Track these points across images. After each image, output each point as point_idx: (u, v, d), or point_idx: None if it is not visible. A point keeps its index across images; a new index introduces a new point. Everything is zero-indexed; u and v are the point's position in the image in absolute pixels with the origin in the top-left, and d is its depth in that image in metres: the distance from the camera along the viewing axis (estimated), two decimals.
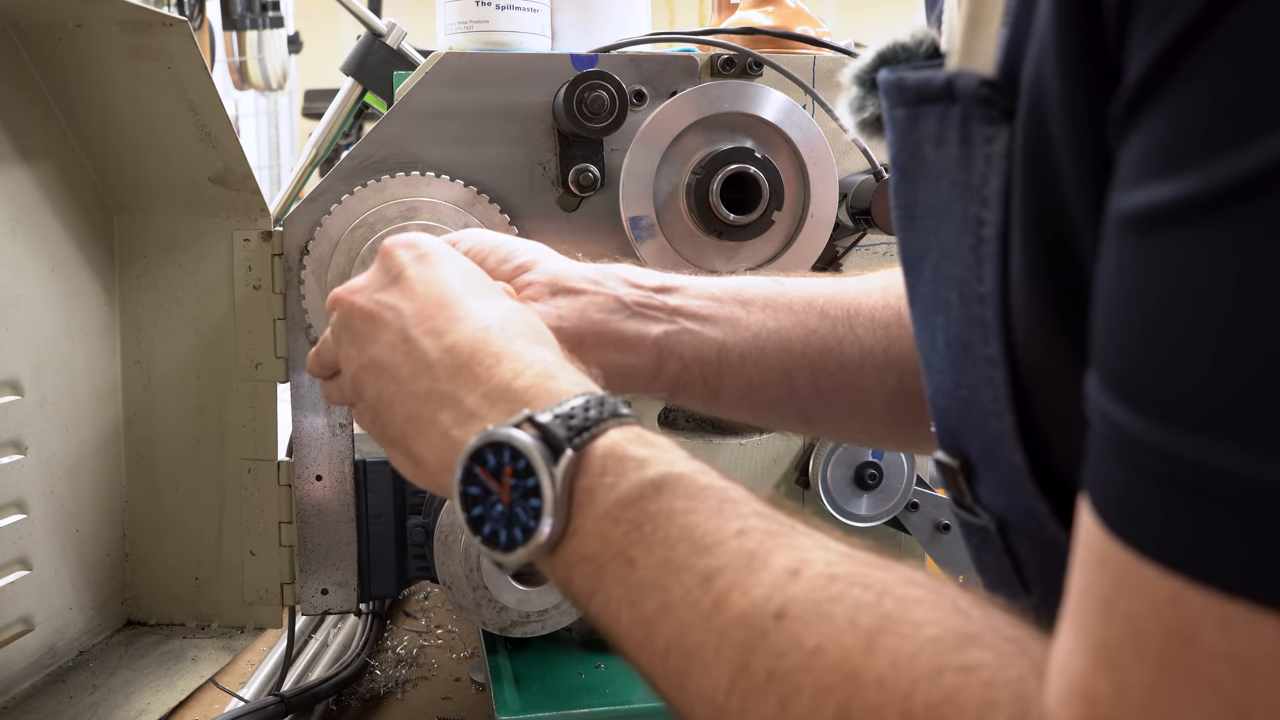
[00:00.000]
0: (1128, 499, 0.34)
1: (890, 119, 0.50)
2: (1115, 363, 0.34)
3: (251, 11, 3.48)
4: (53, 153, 1.02)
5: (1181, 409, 0.32)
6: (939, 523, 1.04)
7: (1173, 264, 0.32)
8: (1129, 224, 0.34)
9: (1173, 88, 0.32)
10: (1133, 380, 0.34)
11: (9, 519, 0.98)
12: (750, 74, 0.97)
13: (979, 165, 0.43)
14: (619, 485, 0.48)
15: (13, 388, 0.98)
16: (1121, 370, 0.34)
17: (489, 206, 0.94)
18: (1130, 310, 0.34)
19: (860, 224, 0.94)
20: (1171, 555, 0.32)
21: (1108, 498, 0.35)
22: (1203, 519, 0.31)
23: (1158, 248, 0.32)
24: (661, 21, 4.96)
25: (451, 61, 0.95)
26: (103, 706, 0.97)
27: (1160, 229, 0.32)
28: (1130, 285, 0.34)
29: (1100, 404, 0.35)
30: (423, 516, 0.99)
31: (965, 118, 0.44)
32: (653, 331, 0.70)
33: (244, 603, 1.07)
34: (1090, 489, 0.36)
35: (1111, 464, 0.34)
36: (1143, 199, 0.33)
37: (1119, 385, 0.34)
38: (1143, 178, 0.33)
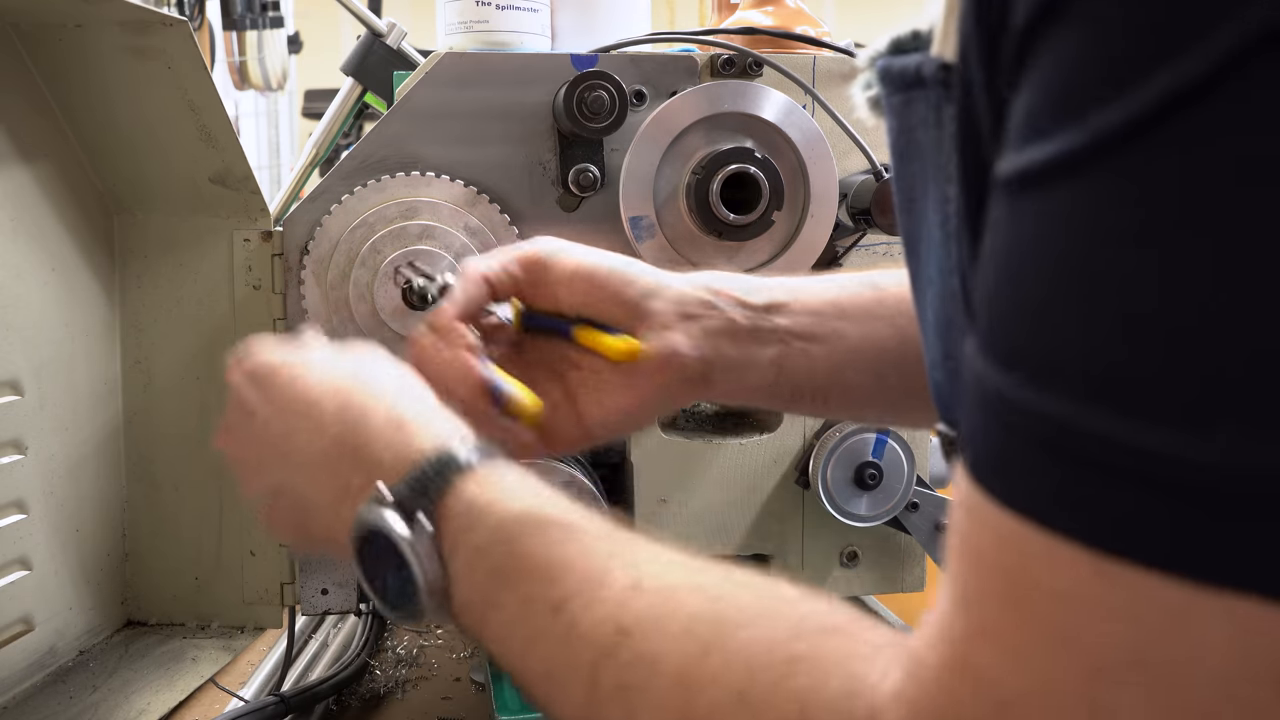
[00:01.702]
0: (985, 448, 0.36)
1: (888, 105, 0.52)
2: (982, 321, 0.37)
3: (251, 11, 3.48)
4: (53, 153, 1.02)
5: (1020, 360, 0.34)
6: (939, 523, 1.04)
7: (1031, 223, 0.34)
8: (1004, 186, 0.35)
9: (1044, 46, 0.34)
10: (990, 336, 0.36)
11: (9, 519, 0.98)
12: (750, 74, 0.97)
13: (945, 145, 0.45)
14: (474, 535, 0.53)
15: (13, 388, 0.98)
16: (984, 327, 0.36)
17: (489, 206, 0.94)
18: (994, 270, 0.36)
19: (860, 224, 0.94)
20: (1014, 499, 0.34)
21: (973, 449, 0.37)
22: (1037, 464, 0.33)
23: (1022, 208, 0.34)
24: (661, 21, 4.96)
25: (451, 61, 0.95)
26: (103, 706, 0.97)
27: (1026, 190, 0.34)
28: (996, 243, 0.36)
29: (970, 362, 0.37)
30: None
31: (938, 101, 0.46)
32: (767, 354, 0.71)
33: (244, 603, 1.07)
34: (962, 448, 0.38)
35: (975, 416, 0.37)
36: (1015, 162, 0.34)
37: (982, 342, 0.36)
38: (1017, 141, 0.35)
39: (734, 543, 1.05)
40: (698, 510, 1.04)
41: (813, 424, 1.04)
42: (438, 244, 0.92)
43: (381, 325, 0.92)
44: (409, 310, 0.91)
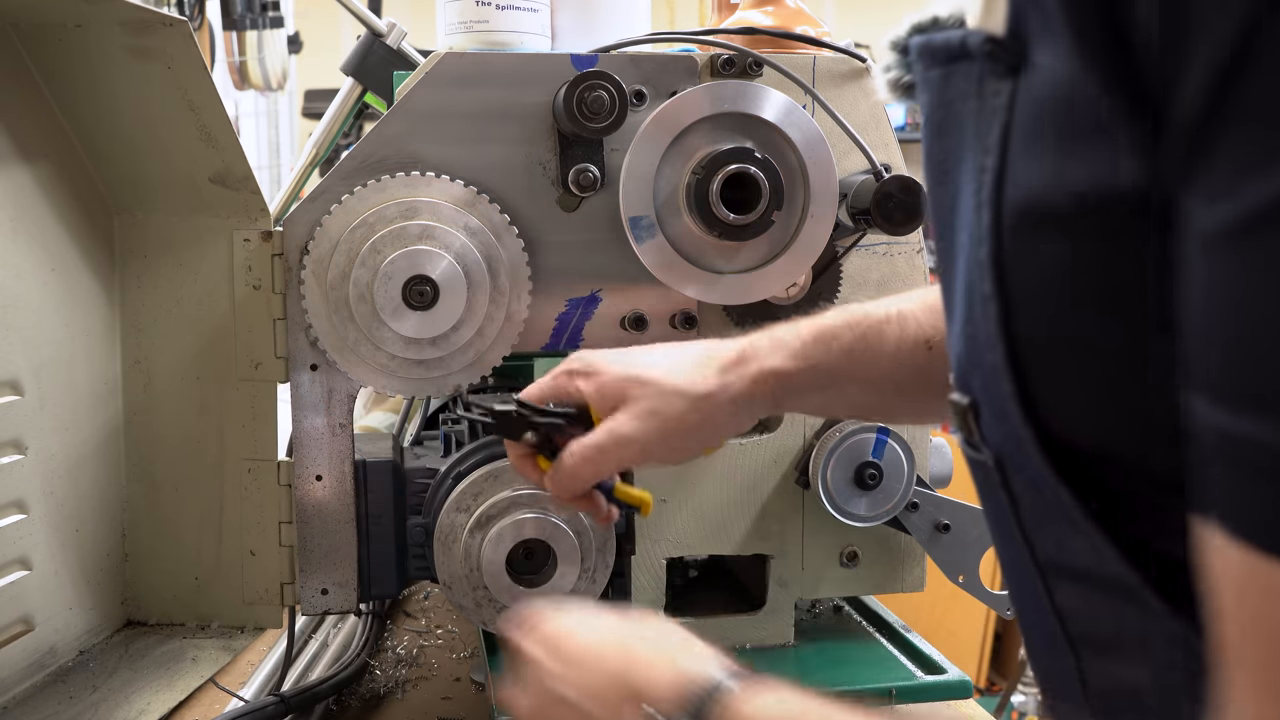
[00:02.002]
0: (1255, 507, 0.34)
1: (924, 80, 0.54)
2: (1211, 368, 0.35)
3: (251, 11, 3.48)
4: (53, 153, 1.02)
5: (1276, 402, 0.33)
6: (939, 523, 1.04)
7: (1266, 266, 0.33)
8: (1213, 235, 0.35)
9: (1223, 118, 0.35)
10: (1236, 383, 0.34)
11: (9, 519, 0.98)
12: (750, 74, 0.97)
13: (986, 116, 0.48)
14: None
15: (13, 388, 0.98)
16: (1221, 375, 0.35)
17: (489, 206, 0.94)
18: (1229, 319, 0.35)
19: (860, 224, 0.94)
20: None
21: (1248, 516, 0.35)
22: None
23: (1253, 255, 0.34)
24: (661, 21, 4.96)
25: (451, 61, 0.95)
26: (103, 706, 0.97)
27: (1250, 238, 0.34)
28: (1226, 295, 0.35)
29: (1207, 420, 0.36)
30: (423, 516, 0.99)
31: (981, 74, 0.48)
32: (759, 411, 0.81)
33: (244, 603, 1.07)
34: (1221, 516, 0.36)
35: (1231, 479, 0.35)
36: (1228, 211, 0.35)
37: (1220, 392, 0.35)
38: (1224, 192, 0.35)
39: (734, 543, 1.05)
40: (698, 510, 1.04)
41: (813, 424, 1.04)
42: (438, 244, 0.92)
43: (381, 325, 0.92)
44: (409, 310, 0.91)
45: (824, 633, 1.11)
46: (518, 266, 0.94)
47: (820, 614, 1.17)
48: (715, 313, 1.00)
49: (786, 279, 0.95)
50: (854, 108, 1.01)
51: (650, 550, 1.03)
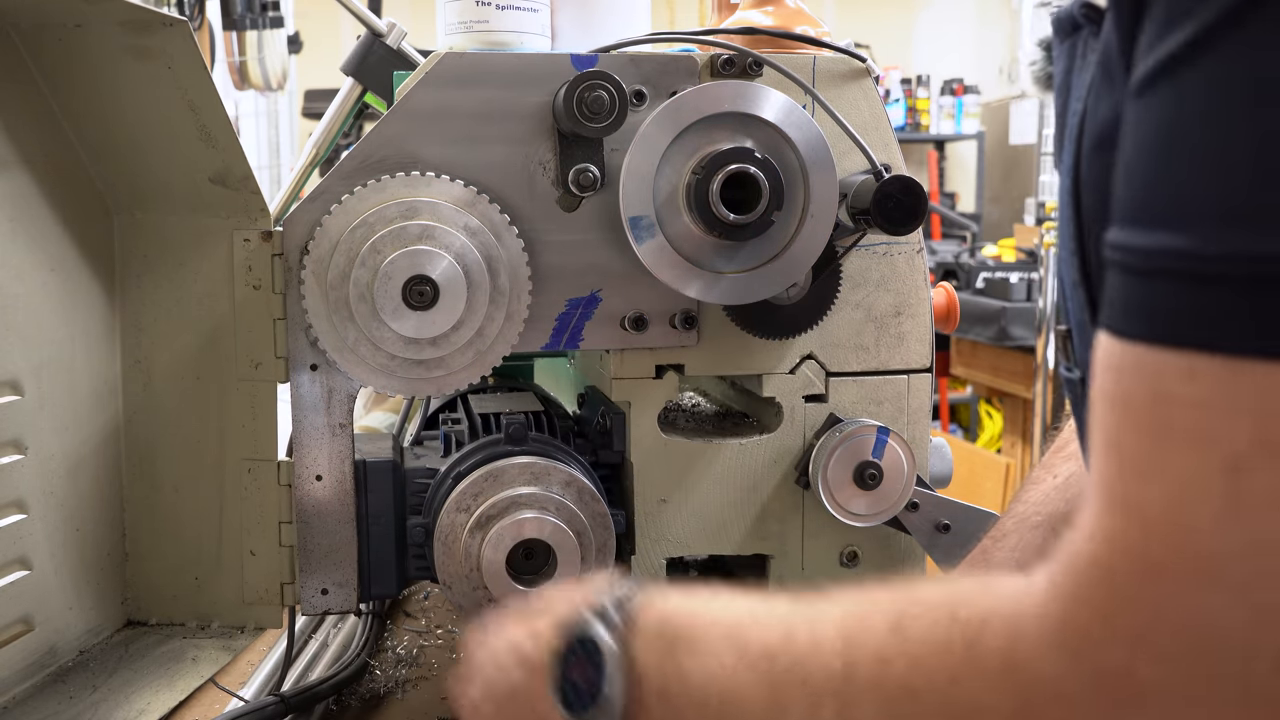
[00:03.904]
0: (1119, 301, 0.42)
1: (1058, 53, 0.63)
2: (1119, 201, 0.44)
3: (251, 11, 3.48)
4: (52, 152, 1.02)
5: (1148, 211, 0.41)
6: (939, 523, 1.04)
7: (1149, 115, 0.42)
8: (1128, 97, 0.44)
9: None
10: (1123, 207, 0.43)
11: (9, 519, 0.98)
12: (750, 74, 0.97)
13: (1083, 72, 0.57)
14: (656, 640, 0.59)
15: (13, 388, 0.98)
16: (1118, 205, 0.43)
17: (489, 206, 0.94)
18: (1125, 159, 0.43)
19: (860, 224, 0.94)
20: (1151, 331, 0.40)
21: (1108, 310, 0.43)
22: (1175, 294, 0.40)
23: (1142, 104, 0.43)
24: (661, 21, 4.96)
25: (451, 61, 0.95)
26: (103, 706, 0.97)
27: (1144, 92, 0.43)
28: (1130, 138, 0.43)
29: (1107, 240, 0.44)
30: (423, 516, 0.99)
31: (1086, 38, 0.57)
32: None
33: (244, 603, 1.07)
34: (1102, 317, 0.44)
35: (1113, 281, 0.43)
36: (1141, 69, 0.43)
37: (1119, 216, 0.43)
38: (1143, 54, 0.43)
39: (734, 543, 1.05)
40: (698, 510, 1.04)
41: (813, 424, 1.04)
42: (438, 244, 0.92)
43: (381, 325, 0.92)
44: (409, 310, 0.91)
45: None
46: (518, 266, 0.94)
47: None
48: (715, 313, 1.00)
49: (786, 279, 0.95)
50: (854, 108, 1.01)
51: (650, 550, 1.03)
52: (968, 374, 4.68)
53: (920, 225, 0.93)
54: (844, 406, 1.04)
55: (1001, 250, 4.77)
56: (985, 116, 6.55)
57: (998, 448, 4.71)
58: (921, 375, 1.05)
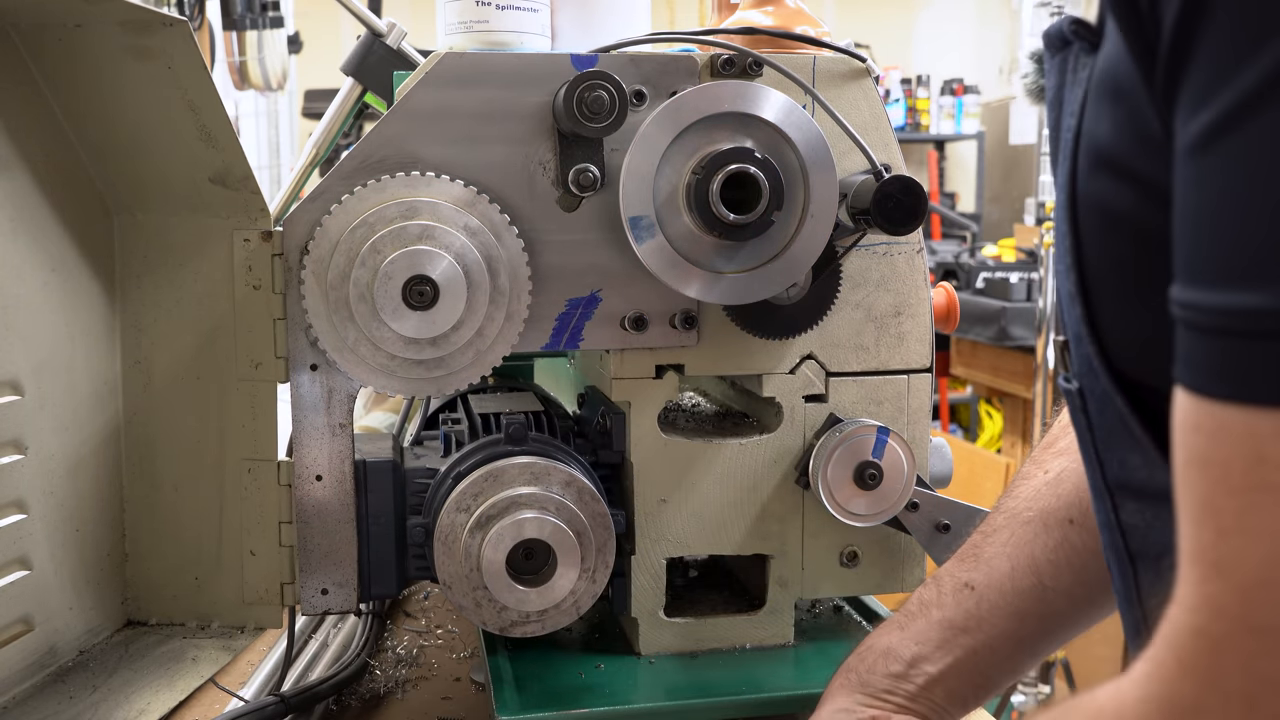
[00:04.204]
0: (1204, 362, 0.42)
1: (1049, 67, 0.64)
2: (1184, 260, 0.43)
3: (251, 11, 3.48)
4: (53, 153, 1.02)
5: (1231, 271, 0.41)
6: (939, 523, 1.04)
7: (1219, 169, 0.41)
8: (1186, 152, 0.43)
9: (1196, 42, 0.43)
10: (1195, 267, 0.43)
11: (9, 519, 0.98)
12: (750, 74, 0.97)
13: (1076, 88, 0.58)
14: None
15: (13, 388, 0.98)
16: (1188, 264, 0.43)
17: (489, 206, 0.94)
18: (1192, 216, 0.43)
19: (860, 224, 0.94)
20: (1236, 391, 0.40)
21: (1190, 371, 0.43)
22: (1261, 354, 0.40)
23: (1208, 162, 0.42)
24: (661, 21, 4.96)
25: (451, 61, 0.95)
26: (103, 706, 0.97)
27: (1208, 147, 0.42)
28: (1192, 198, 0.43)
29: (1176, 298, 0.44)
30: (423, 516, 0.99)
31: (1077, 54, 0.58)
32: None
33: (244, 603, 1.07)
34: (1177, 377, 0.44)
35: (1189, 342, 0.43)
36: (1193, 129, 0.43)
37: (1187, 276, 0.43)
38: (1189, 114, 0.43)
39: (734, 543, 1.05)
40: (698, 510, 1.04)
41: (813, 424, 1.04)
42: (438, 244, 0.92)
43: (382, 325, 0.92)
44: (409, 310, 0.91)
45: (824, 633, 1.11)
46: (518, 266, 0.94)
47: (820, 614, 1.17)
48: (715, 313, 1.00)
49: (786, 279, 0.95)
50: (854, 108, 1.01)
51: (650, 550, 1.03)
52: (968, 374, 4.69)
53: (920, 225, 0.93)
54: (844, 406, 1.04)
55: (1001, 250, 4.77)
56: (985, 116, 6.55)
57: (998, 448, 4.71)
58: (921, 375, 1.06)
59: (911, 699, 0.84)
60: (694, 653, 1.05)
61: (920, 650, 0.85)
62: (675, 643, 1.05)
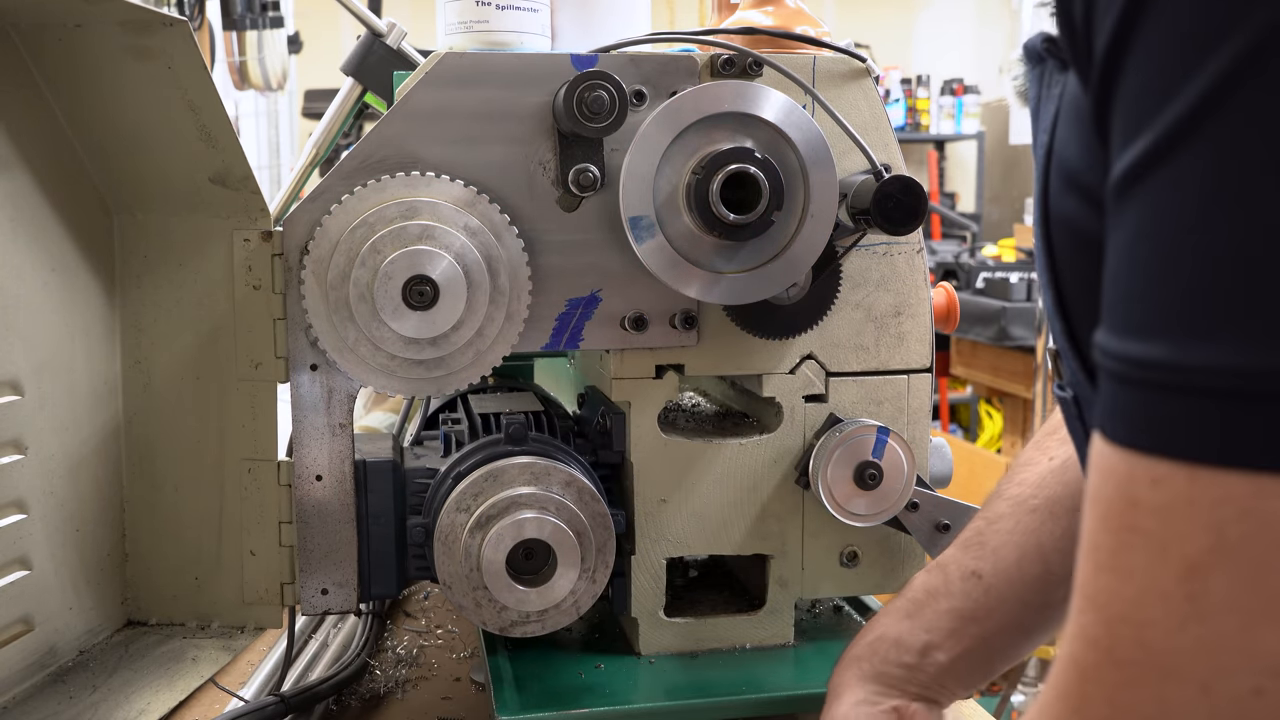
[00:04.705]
0: (1107, 407, 0.43)
1: (1029, 78, 0.64)
2: (1105, 303, 0.44)
3: (251, 11, 3.48)
4: (53, 153, 1.02)
5: (1128, 319, 0.42)
6: (939, 523, 1.04)
7: (1130, 215, 0.42)
8: (1111, 193, 0.44)
9: (1120, 80, 0.43)
10: (1109, 312, 0.44)
11: (9, 519, 0.98)
12: (750, 74, 0.97)
13: (1049, 104, 0.58)
14: None
15: (13, 388, 0.98)
16: (1106, 307, 0.44)
17: (489, 206, 0.94)
18: (1109, 260, 0.44)
19: (860, 224, 0.94)
20: (1124, 436, 0.42)
21: (1101, 413, 0.44)
22: (1142, 401, 0.41)
23: (1124, 205, 0.43)
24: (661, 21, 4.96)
25: (451, 61, 0.95)
26: (103, 706, 0.97)
27: (1125, 191, 0.42)
28: (1111, 241, 0.44)
29: (1097, 341, 0.45)
30: (423, 516, 0.99)
31: (1050, 70, 0.59)
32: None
33: (244, 603, 1.07)
34: (1094, 418, 0.44)
35: (1102, 384, 0.44)
36: (1115, 170, 0.43)
37: (1105, 319, 0.44)
38: (1116, 154, 0.43)
39: (734, 543, 1.05)
40: (698, 510, 1.04)
41: (813, 424, 1.04)
42: (438, 244, 0.92)
43: (382, 325, 0.92)
44: (409, 310, 0.91)
45: (824, 633, 1.11)
46: (518, 266, 0.94)
47: (820, 614, 1.17)
48: (715, 313, 1.00)
49: (786, 279, 0.95)
50: (854, 108, 1.01)
51: (650, 550, 1.03)
52: (968, 374, 4.69)
53: (920, 225, 0.93)
54: (844, 406, 1.04)
55: (1001, 250, 4.77)
56: (985, 116, 6.55)
57: (998, 448, 4.71)
58: (921, 375, 1.06)
59: (924, 687, 0.86)
60: (694, 653, 1.05)
61: (931, 639, 0.86)
62: (675, 643, 1.05)
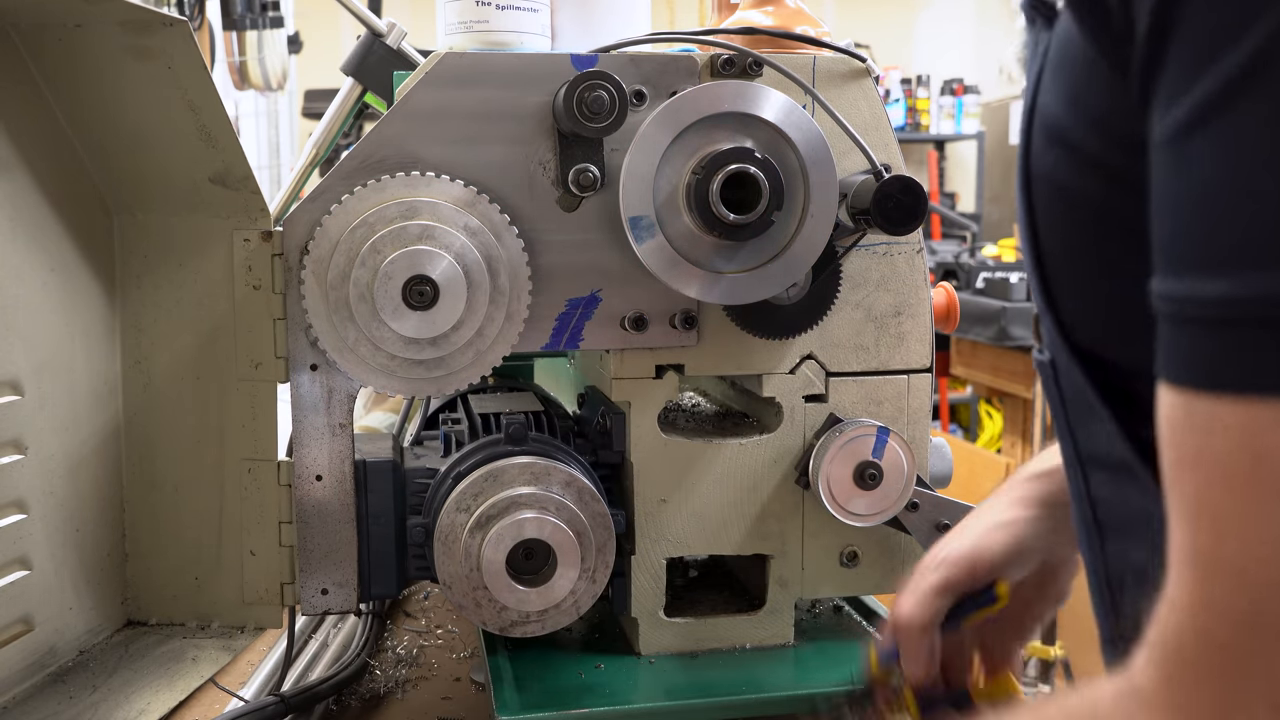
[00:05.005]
0: (1195, 354, 0.40)
1: (1028, 39, 0.65)
2: (1164, 250, 0.42)
3: (251, 11, 3.48)
4: (52, 153, 1.02)
5: (1216, 257, 0.39)
6: (939, 523, 1.04)
7: (1202, 156, 0.41)
8: (1166, 140, 0.43)
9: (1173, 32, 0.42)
10: (1177, 256, 0.41)
11: (9, 519, 0.98)
12: (750, 74, 0.97)
13: (1034, 61, 0.59)
14: None
15: (13, 388, 0.98)
16: (1168, 254, 0.42)
17: (489, 206, 0.94)
18: (1171, 205, 0.42)
19: (860, 224, 0.94)
20: (1237, 382, 0.38)
21: (1178, 365, 0.41)
22: (1256, 343, 0.38)
23: (1190, 149, 0.41)
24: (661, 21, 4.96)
25: (451, 61, 0.95)
26: (103, 706, 0.97)
27: (1190, 135, 0.41)
28: (1171, 186, 0.42)
29: (1158, 291, 0.42)
30: (423, 516, 0.99)
31: (1039, 27, 0.59)
32: None
33: (244, 603, 1.07)
34: (1162, 374, 0.42)
35: (1173, 335, 0.41)
36: (1175, 116, 0.42)
37: (1169, 266, 0.42)
38: (1168, 102, 0.42)
39: (734, 543, 1.05)
40: (698, 510, 1.04)
41: (813, 424, 1.04)
42: (438, 244, 0.92)
43: (382, 325, 0.92)
44: (409, 310, 0.91)
45: (824, 633, 1.11)
46: (518, 266, 0.94)
47: (820, 614, 1.17)
48: (715, 313, 1.00)
49: (786, 279, 0.95)
50: (854, 108, 1.01)
51: (650, 550, 1.03)
52: (968, 374, 4.68)
53: (920, 225, 0.93)
54: (844, 406, 1.04)
55: (1001, 250, 4.77)
56: (985, 116, 6.55)
57: (998, 448, 4.71)
58: (921, 375, 1.06)
59: None
60: (694, 653, 1.05)
61: None
62: (675, 643, 1.05)
